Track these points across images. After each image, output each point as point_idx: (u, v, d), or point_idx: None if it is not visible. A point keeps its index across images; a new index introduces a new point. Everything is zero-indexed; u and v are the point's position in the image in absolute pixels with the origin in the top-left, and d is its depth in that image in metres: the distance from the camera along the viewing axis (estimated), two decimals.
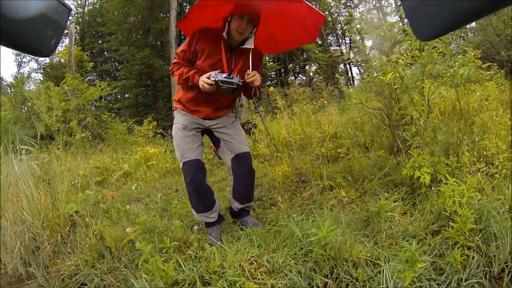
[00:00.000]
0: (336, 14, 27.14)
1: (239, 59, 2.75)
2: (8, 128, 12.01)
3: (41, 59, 35.70)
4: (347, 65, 27.36)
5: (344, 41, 29.96)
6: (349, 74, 28.16)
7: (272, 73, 25.03)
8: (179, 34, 22.04)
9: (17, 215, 3.08)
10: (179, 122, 2.86)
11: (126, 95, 25.37)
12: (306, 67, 26.46)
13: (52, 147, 5.51)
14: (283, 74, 24.45)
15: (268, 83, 24.41)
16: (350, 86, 23.47)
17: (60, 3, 0.71)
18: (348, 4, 27.77)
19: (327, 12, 25.25)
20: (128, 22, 24.69)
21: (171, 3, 17.16)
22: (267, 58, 23.00)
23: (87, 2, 32.64)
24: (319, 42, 24.26)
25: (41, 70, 34.67)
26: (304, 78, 25.31)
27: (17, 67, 36.77)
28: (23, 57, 36.59)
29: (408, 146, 3.60)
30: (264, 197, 3.89)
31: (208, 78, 2.51)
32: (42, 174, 3.46)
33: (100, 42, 30.54)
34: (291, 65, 26.12)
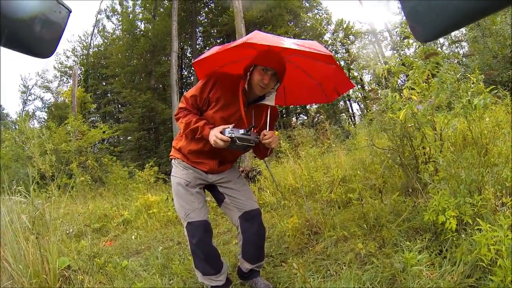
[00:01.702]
0: (333, 52, 27.62)
1: (256, 114, 2.46)
2: (9, 165, 11.97)
3: (46, 98, 36.89)
4: (347, 102, 27.48)
5: None
6: (350, 111, 28.21)
7: None
8: (181, 78, 22.47)
9: (2, 269, 2.78)
10: (180, 177, 2.54)
11: (128, 138, 25.37)
12: (307, 107, 26.59)
13: (50, 188, 5.34)
14: (284, 116, 24.49)
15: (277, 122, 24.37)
16: (352, 124, 23.49)
17: (59, 4, 0.72)
18: (345, 40, 28.35)
19: None
20: (130, 64, 25.36)
21: (172, 46, 17.48)
22: None
23: (92, 44, 33.59)
24: None
25: (46, 108, 35.47)
26: (306, 118, 25.43)
27: (22, 104, 37.63)
28: (29, 95, 37.37)
29: (424, 184, 3.32)
30: (274, 252, 3.56)
31: (222, 132, 2.19)
32: (35, 221, 3.19)
33: (104, 84, 30.96)
34: (291, 106, 26.27)
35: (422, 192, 3.38)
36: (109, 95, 31.42)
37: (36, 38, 0.68)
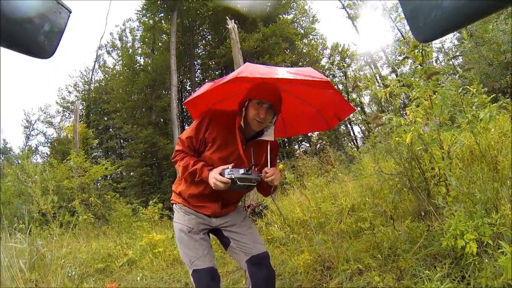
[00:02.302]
0: (331, 76, 27.87)
1: (256, 152, 2.33)
2: (11, 200, 11.84)
3: (49, 133, 37.12)
4: (349, 125, 27.47)
5: None
6: (352, 134, 28.17)
7: None
8: (181, 111, 22.59)
9: None
10: (182, 223, 2.40)
11: (131, 173, 25.25)
12: (309, 134, 26.56)
13: (52, 226, 5.20)
14: (286, 145, 24.42)
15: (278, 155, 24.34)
16: (355, 147, 23.38)
17: (59, 4, 0.72)
18: (342, 64, 28.65)
19: None
20: (131, 99, 25.59)
21: (171, 80, 17.61)
22: None
23: (93, 80, 34.09)
24: None
25: (48, 143, 35.70)
26: (308, 145, 25.37)
27: (25, 139, 37.88)
28: (32, 130, 37.70)
29: (436, 206, 3.18)
30: None
31: (221, 174, 2.08)
32: (36, 261, 3.05)
33: (106, 119, 31.30)
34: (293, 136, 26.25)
35: (436, 214, 3.25)
36: (111, 130, 31.68)
37: (36, 38, 0.68)
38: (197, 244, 2.34)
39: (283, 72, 2.11)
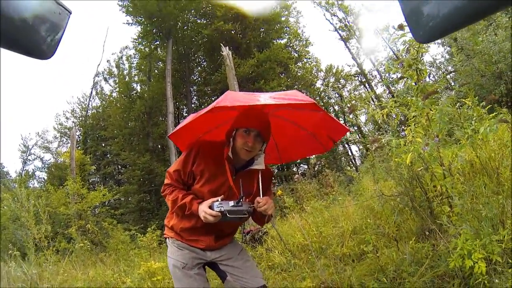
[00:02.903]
0: (326, 98, 28.07)
1: (246, 181, 2.23)
2: (7, 225, 11.62)
3: (46, 158, 37.06)
4: (346, 145, 27.51)
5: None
6: (350, 154, 28.17)
7: (275, 170, 25.00)
8: None
9: None
10: (176, 258, 2.31)
11: (129, 199, 24.89)
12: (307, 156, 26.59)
13: (48, 253, 5.06)
14: (285, 169, 24.33)
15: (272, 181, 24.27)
16: (353, 166, 23.32)
17: (59, 5, 0.72)
18: (336, 86, 28.90)
19: (317, 98, 26.14)
20: (128, 126, 25.57)
21: (168, 107, 17.62)
22: None
23: (90, 106, 34.13)
24: None
25: (46, 169, 35.37)
26: (306, 166, 25.31)
27: (22, 163, 37.41)
28: (29, 155, 37.49)
29: (440, 225, 3.11)
30: None
31: (211, 207, 2.02)
32: None
33: (103, 145, 31.16)
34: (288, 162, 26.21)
35: (440, 233, 3.18)
36: (108, 156, 31.56)
37: (35, 39, 0.68)
38: (192, 280, 2.26)
39: (265, 98, 2.07)
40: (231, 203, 2.01)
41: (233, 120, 2.21)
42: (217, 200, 2.02)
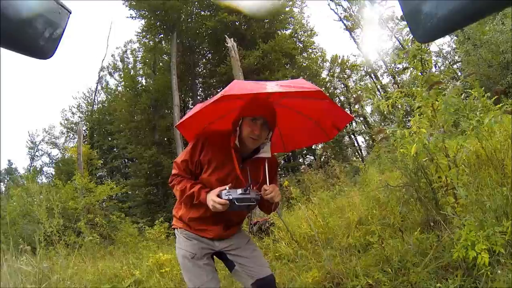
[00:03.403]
0: (332, 88, 27.93)
1: (254, 170, 2.28)
2: (16, 221, 11.79)
3: (53, 153, 37.41)
4: (352, 136, 27.39)
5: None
6: (356, 144, 28.06)
7: (282, 161, 24.99)
8: None
9: None
10: (185, 249, 2.34)
11: (136, 192, 25.08)
12: (313, 146, 26.50)
13: (58, 246, 5.12)
14: (291, 160, 24.31)
15: (278, 169, 24.31)
16: (360, 157, 23.24)
17: (59, 5, 0.72)
18: (341, 76, 28.72)
19: (323, 88, 26.02)
20: (134, 120, 25.60)
21: (173, 100, 17.62)
22: None
23: (96, 101, 34.50)
24: None
25: (53, 164, 35.73)
26: (313, 158, 25.26)
27: (30, 159, 38.06)
28: (36, 151, 37.97)
29: (445, 216, 3.13)
30: None
31: (219, 196, 2.04)
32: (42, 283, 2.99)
33: (110, 139, 31.38)
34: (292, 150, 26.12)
35: (445, 224, 3.18)
36: (115, 150, 31.77)
37: (35, 39, 0.68)
38: (201, 270, 2.29)
39: (272, 86, 2.09)
40: (239, 191, 2.03)
41: (239, 110, 2.23)
42: (225, 189, 2.04)
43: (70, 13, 0.76)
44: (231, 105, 2.32)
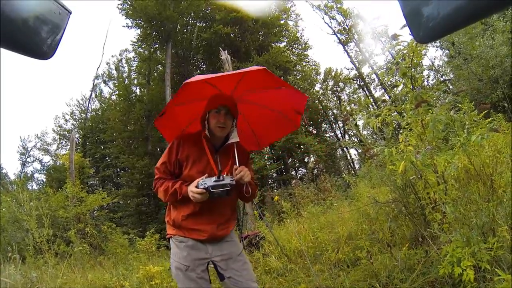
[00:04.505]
0: (325, 101, 28.08)
1: (226, 157, 2.44)
2: (5, 227, 11.58)
3: (45, 160, 36.74)
4: (345, 149, 27.48)
5: (337, 125, 30.57)
6: (348, 158, 28.12)
7: (274, 174, 24.95)
8: None
9: None
10: (178, 261, 2.35)
11: (128, 202, 24.92)
12: (305, 159, 26.49)
13: (47, 255, 5.06)
14: (284, 173, 24.28)
15: (269, 182, 24.32)
16: (352, 170, 23.27)
17: (59, 5, 0.72)
18: (335, 89, 28.91)
19: (316, 101, 26.16)
20: (127, 130, 25.56)
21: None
22: (266, 157, 23.02)
23: (90, 109, 34.22)
24: (314, 132, 24.77)
25: (44, 171, 35.18)
26: (305, 170, 25.24)
27: (21, 165, 37.29)
28: (28, 157, 37.34)
29: (431, 231, 3.16)
30: None
31: (197, 186, 2.13)
32: None
33: (102, 148, 31.24)
34: (290, 161, 26.09)
35: (432, 240, 3.24)
36: (107, 159, 31.61)
37: (35, 39, 0.68)
38: (194, 284, 2.30)
39: (222, 73, 2.40)
40: (213, 178, 2.13)
41: (204, 108, 2.42)
42: (201, 179, 2.15)
43: (70, 13, 0.76)
44: (199, 108, 2.50)
